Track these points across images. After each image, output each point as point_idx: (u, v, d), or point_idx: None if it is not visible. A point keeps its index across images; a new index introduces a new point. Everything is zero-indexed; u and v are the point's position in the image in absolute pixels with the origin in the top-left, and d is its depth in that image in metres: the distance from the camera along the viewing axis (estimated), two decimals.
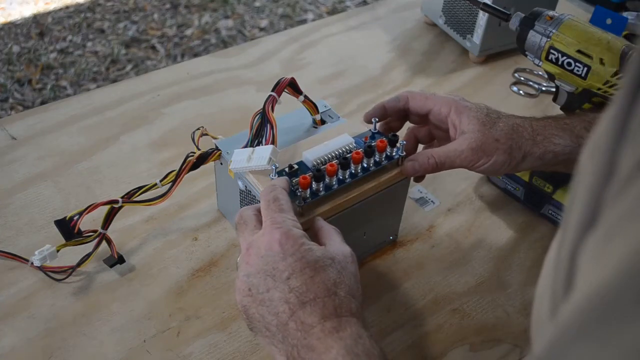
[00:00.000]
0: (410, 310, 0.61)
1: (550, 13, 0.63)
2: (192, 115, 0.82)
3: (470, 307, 0.62)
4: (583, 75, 0.61)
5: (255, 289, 0.44)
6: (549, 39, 0.62)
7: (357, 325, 0.42)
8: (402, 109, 0.62)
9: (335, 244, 0.47)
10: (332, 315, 0.42)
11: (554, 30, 0.62)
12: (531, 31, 0.63)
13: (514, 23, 0.65)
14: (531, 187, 0.71)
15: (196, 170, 0.61)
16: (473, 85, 0.93)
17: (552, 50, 0.62)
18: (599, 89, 0.61)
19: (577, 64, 0.61)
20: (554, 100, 0.66)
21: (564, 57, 0.61)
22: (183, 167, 0.60)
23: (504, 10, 0.67)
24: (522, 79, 0.94)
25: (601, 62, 0.59)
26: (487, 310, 0.62)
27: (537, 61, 0.64)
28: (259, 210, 0.49)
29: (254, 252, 0.45)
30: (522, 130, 0.58)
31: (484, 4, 0.68)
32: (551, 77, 0.65)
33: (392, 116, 0.63)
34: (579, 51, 0.61)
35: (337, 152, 0.57)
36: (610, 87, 0.60)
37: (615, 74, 0.59)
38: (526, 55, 0.65)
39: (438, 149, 0.58)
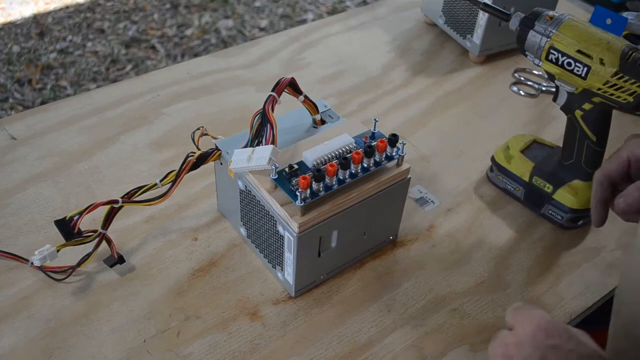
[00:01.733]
0: (410, 310, 0.61)
1: (550, 13, 0.63)
2: (192, 115, 0.82)
3: (470, 307, 0.62)
4: (583, 75, 0.61)
5: None
6: (549, 39, 0.62)
7: None
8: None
9: None
10: None
11: (554, 30, 0.62)
12: (531, 31, 0.63)
13: (514, 23, 0.65)
14: (531, 187, 0.71)
15: (196, 170, 0.61)
16: (473, 85, 0.93)
17: (552, 50, 0.62)
18: (599, 89, 0.61)
19: (577, 64, 0.61)
20: (554, 100, 0.66)
21: (564, 57, 0.61)
22: (183, 167, 0.60)
23: (504, 10, 0.67)
24: (522, 79, 0.94)
25: (601, 62, 0.59)
26: (487, 310, 0.62)
27: (537, 61, 0.64)
28: None
29: (512, 342, 0.43)
30: None
31: (484, 4, 0.68)
32: (551, 77, 0.65)
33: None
34: (579, 51, 0.60)
35: (337, 152, 0.57)
36: (611, 87, 0.60)
37: (616, 74, 0.59)
38: (526, 56, 0.65)
39: None
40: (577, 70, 0.61)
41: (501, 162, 0.74)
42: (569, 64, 0.61)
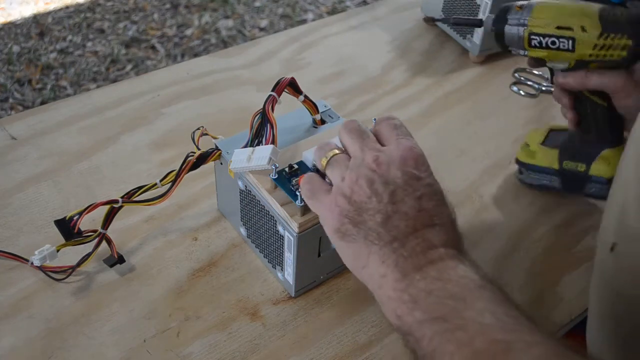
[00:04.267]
0: None
1: (519, 3, 0.63)
2: (192, 115, 0.82)
3: None
4: (570, 48, 0.60)
5: (380, 196, 0.43)
6: (525, 27, 0.62)
7: (471, 262, 0.43)
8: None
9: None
10: (454, 246, 0.43)
11: (527, 17, 0.61)
12: (506, 26, 0.63)
13: (487, 26, 0.65)
14: (564, 173, 0.69)
15: (196, 170, 0.61)
16: (473, 85, 0.93)
17: (532, 36, 0.62)
18: (590, 54, 0.60)
19: (560, 39, 0.60)
20: (552, 83, 0.66)
21: (546, 38, 0.61)
22: (183, 167, 0.60)
23: (473, 18, 0.66)
24: (522, 79, 0.94)
25: (583, 29, 0.59)
26: None
27: (522, 52, 0.64)
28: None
29: (384, 161, 0.45)
30: None
31: (454, 18, 0.68)
32: (541, 63, 0.64)
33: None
34: (558, 27, 0.60)
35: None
36: (601, 49, 0.59)
37: (600, 35, 0.58)
38: (510, 51, 0.65)
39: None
40: (563, 46, 0.61)
41: (526, 161, 0.72)
42: (553, 43, 0.61)
